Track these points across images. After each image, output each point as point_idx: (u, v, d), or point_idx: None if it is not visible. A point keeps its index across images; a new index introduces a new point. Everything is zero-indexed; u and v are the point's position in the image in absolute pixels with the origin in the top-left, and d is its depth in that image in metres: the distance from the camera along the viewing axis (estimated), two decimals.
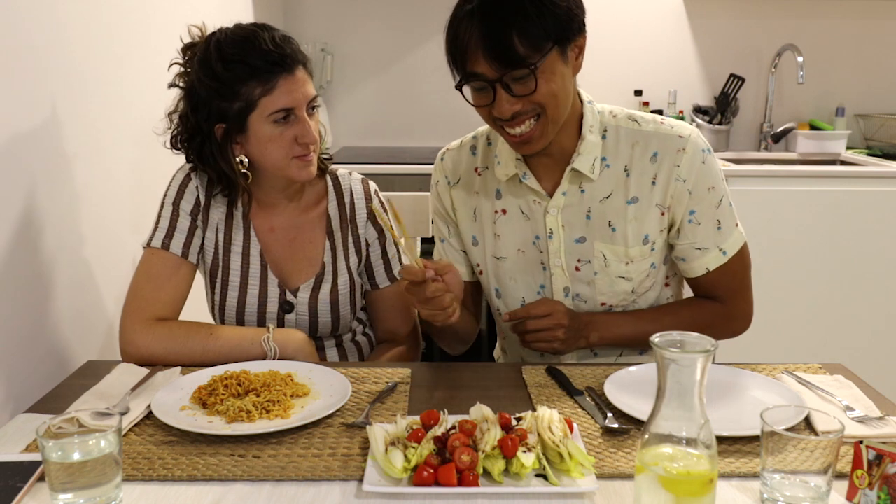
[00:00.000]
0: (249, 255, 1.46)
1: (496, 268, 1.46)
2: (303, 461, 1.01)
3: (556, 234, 1.39)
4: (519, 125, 1.26)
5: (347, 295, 1.49)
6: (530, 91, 1.22)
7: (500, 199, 1.43)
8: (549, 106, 1.25)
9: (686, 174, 1.34)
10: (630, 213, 1.36)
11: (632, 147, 1.36)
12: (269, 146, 1.35)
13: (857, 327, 2.84)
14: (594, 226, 1.38)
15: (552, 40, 1.21)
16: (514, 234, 1.43)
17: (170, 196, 1.44)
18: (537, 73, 1.21)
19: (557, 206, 1.38)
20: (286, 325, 1.46)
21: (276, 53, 1.32)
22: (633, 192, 1.36)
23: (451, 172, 1.49)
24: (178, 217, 1.42)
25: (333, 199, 1.51)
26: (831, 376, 1.28)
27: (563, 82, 1.25)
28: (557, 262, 1.41)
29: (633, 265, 1.39)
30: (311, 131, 1.35)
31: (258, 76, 1.31)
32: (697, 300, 1.46)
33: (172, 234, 1.41)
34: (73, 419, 0.92)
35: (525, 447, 0.95)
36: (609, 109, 1.40)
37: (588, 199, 1.37)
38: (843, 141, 3.27)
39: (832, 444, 0.88)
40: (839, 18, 3.31)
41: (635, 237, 1.37)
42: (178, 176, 1.45)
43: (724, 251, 1.39)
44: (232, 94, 1.32)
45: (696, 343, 0.83)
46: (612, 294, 1.41)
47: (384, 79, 3.38)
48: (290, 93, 1.33)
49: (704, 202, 1.36)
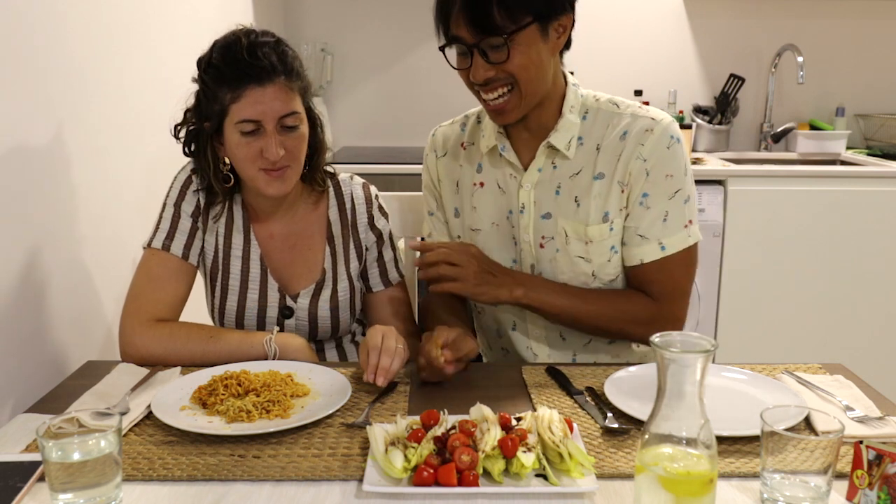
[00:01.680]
0: (250, 260, 1.45)
1: (473, 239, 1.48)
2: (303, 461, 1.01)
3: (527, 208, 1.41)
4: (492, 91, 1.30)
5: (347, 301, 1.49)
6: (503, 60, 1.26)
7: (480, 173, 1.46)
8: (520, 78, 1.28)
9: (648, 154, 1.34)
10: (595, 189, 1.37)
11: (606, 127, 1.38)
12: (237, 154, 1.35)
13: (857, 327, 2.84)
14: (561, 202, 1.39)
15: (532, 15, 1.24)
16: (489, 208, 1.45)
17: (171, 197, 1.43)
18: (511, 43, 1.24)
19: (531, 181, 1.40)
20: (286, 329, 1.46)
21: (247, 63, 1.29)
22: (601, 167, 1.37)
23: (440, 146, 1.53)
24: (180, 218, 1.42)
25: (334, 205, 1.51)
26: (831, 376, 1.28)
27: (538, 57, 1.28)
28: (526, 238, 1.42)
29: (593, 245, 1.38)
30: (273, 148, 1.31)
31: (228, 83, 1.30)
32: (632, 292, 1.43)
33: (173, 235, 1.41)
34: (73, 419, 0.92)
35: (525, 447, 0.95)
36: (594, 94, 1.42)
37: (559, 176, 1.39)
38: (843, 141, 3.27)
39: (832, 444, 0.88)
40: (839, 18, 3.31)
41: (596, 213, 1.37)
42: (180, 177, 1.45)
43: (663, 246, 1.37)
44: (213, 96, 1.33)
45: (696, 343, 0.83)
46: (573, 276, 1.41)
47: (384, 79, 3.38)
48: (257, 105, 1.30)
49: (658, 188, 1.35)
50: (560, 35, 1.30)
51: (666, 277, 1.39)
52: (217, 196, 1.42)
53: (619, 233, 1.39)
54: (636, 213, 1.37)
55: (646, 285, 1.40)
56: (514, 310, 1.48)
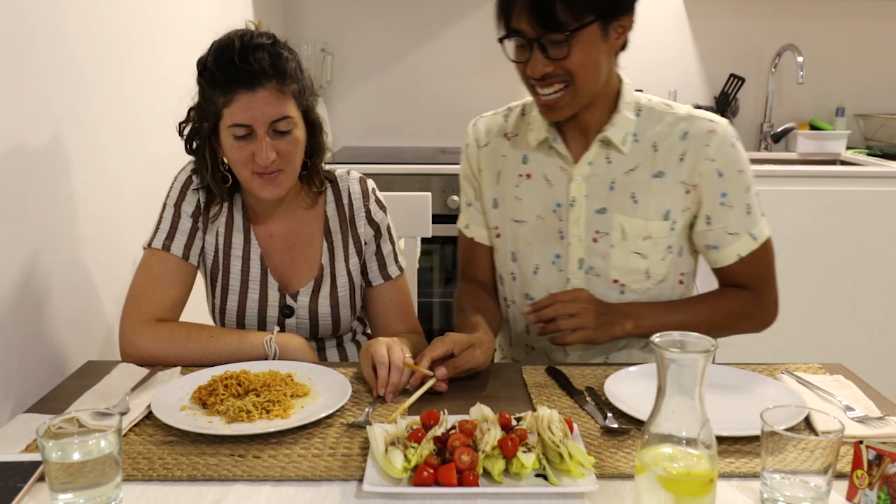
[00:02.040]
0: (250, 259, 1.45)
1: (514, 231, 1.48)
2: (303, 461, 1.01)
3: (578, 202, 1.41)
4: (547, 87, 1.32)
5: (347, 297, 1.49)
6: (563, 56, 1.27)
7: (526, 164, 1.46)
8: (577, 76, 1.29)
9: (715, 154, 1.36)
10: (654, 187, 1.38)
11: (662, 125, 1.39)
12: (231, 158, 1.35)
13: (857, 327, 2.83)
14: (616, 197, 1.40)
15: (595, 14, 1.26)
16: (534, 200, 1.45)
17: (171, 197, 1.43)
18: (572, 40, 1.26)
19: (582, 174, 1.41)
20: (287, 328, 1.46)
21: (237, 67, 1.28)
22: (660, 166, 1.38)
23: (481, 136, 1.53)
24: (180, 219, 1.42)
25: (332, 201, 1.50)
26: (831, 376, 1.28)
27: (597, 56, 1.29)
28: (576, 232, 1.42)
29: (651, 241, 1.40)
30: (264, 153, 1.30)
31: (220, 87, 1.30)
32: (728, 289, 1.46)
33: (174, 235, 1.41)
34: (73, 419, 0.92)
35: (525, 447, 0.95)
36: (644, 94, 1.44)
37: (613, 171, 1.40)
38: (843, 141, 3.27)
39: (832, 444, 0.88)
40: (839, 18, 3.31)
41: (657, 211, 1.39)
42: (181, 177, 1.45)
43: (754, 237, 1.40)
44: (209, 98, 1.33)
45: (696, 343, 0.83)
46: (626, 271, 1.42)
47: (384, 79, 3.38)
48: (247, 110, 1.29)
49: (735, 184, 1.38)
50: (619, 35, 1.32)
51: (760, 266, 1.43)
52: (216, 196, 1.42)
53: (680, 233, 1.42)
54: (719, 214, 1.39)
55: (742, 278, 1.43)
56: None
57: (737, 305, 1.44)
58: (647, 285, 1.43)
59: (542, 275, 1.47)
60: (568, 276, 1.44)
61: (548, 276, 1.46)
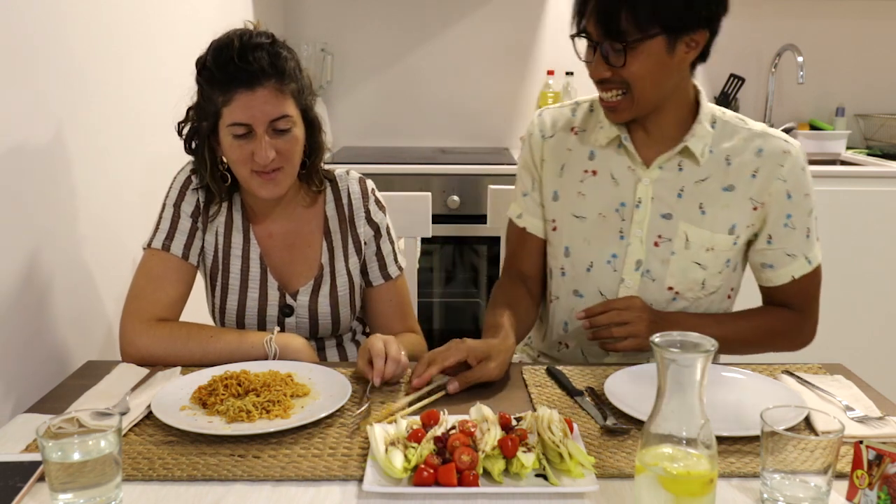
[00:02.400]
0: (249, 259, 1.46)
1: (572, 226, 1.47)
2: (303, 461, 1.01)
3: (644, 203, 1.41)
4: (607, 91, 1.34)
5: (347, 296, 1.49)
6: (619, 65, 1.28)
7: (593, 161, 1.46)
8: (634, 86, 1.30)
9: (787, 175, 1.37)
10: (723, 200, 1.39)
11: (736, 140, 1.40)
12: (230, 157, 1.36)
13: (857, 327, 2.83)
14: (684, 205, 1.40)
15: (661, 27, 1.25)
16: (598, 198, 1.44)
17: (171, 198, 1.44)
18: (629, 51, 1.26)
19: (651, 177, 1.40)
20: (286, 328, 1.46)
21: (236, 66, 1.29)
22: (731, 180, 1.39)
23: (547, 127, 1.52)
24: (179, 219, 1.42)
25: (331, 200, 1.51)
26: (831, 376, 1.28)
27: (658, 69, 1.29)
28: (638, 233, 1.42)
29: (713, 253, 1.40)
30: (264, 152, 1.31)
31: (219, 86, 1.31)
32: (773, 308, 1.48)
33: (173, 235, 1.41)
34: (73, 419, 0.92)
35: (525, 447, 0.95)
36: (718, 107, 1.44)
37: (684, 178, 1.40)
38: (843, 141, 3.27)
39: (832, 444, 0.88)
40: (839, 18, 3.31)
41: (723, 224, 1.39)
42: (180, 178, 1.45)
43: (809, 260, 1.42)
44: (208, 97, 1.34)
45: (697, 343, 0.83)
46: (683, 279, 1.42)
47: (384, 79, 3.38)
48: (246, 109, 1.30)
49: (801, 207, 1.39)
50: (690, 50, 1.31)
51: (810, 289, 1.45)
52: (215, 195, 1.42)
53: (740, 249, 1.42)
54: (781, 234, 1.40)
55: (790, 299, 1.45)
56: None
57: (781, 325, 1.45)
58: (699, 295, 1.44)
59: (596, 273, 1.46)
60: (623, 276, 1.43)
61: (601, 274, 1.45)
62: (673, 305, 1.43)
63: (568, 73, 3.26)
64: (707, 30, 1.30)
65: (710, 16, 1.30)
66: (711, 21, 1.30)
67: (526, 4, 3.29)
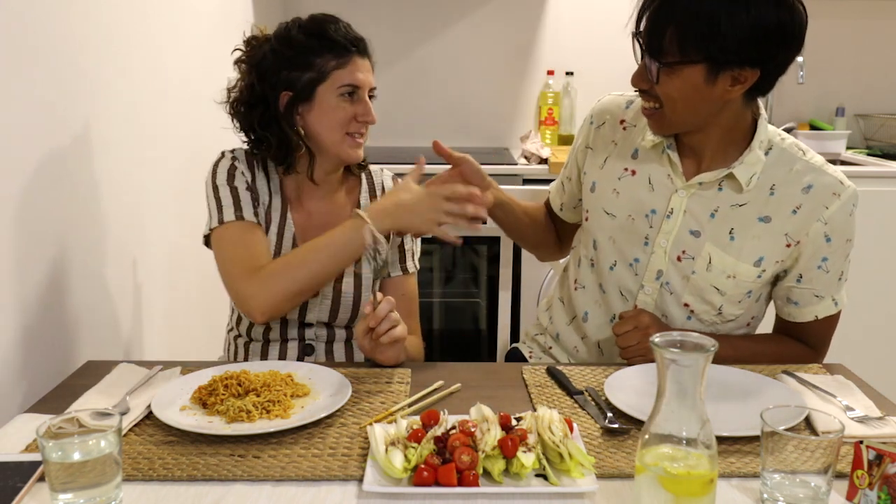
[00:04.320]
0: (283, 238, 1.49)
1: (601, 221, 1.46)
2: (303, 461, 1.01)
3: (675, 215, 1.38)
4: (644, 100, 1.33)
5: (370, 279, 1.51)
6: (652, 80, 1.27)
7: (635, 160, 1.44)
8: (665, 104, 1.28)
9: (830, 218, 1.32)
10: (755, 230, 1.34)
11: (788, 171, 1.34)
12: (331, 117, 1.43)
13: (857, 327, 2.83)
14: (714, 226, 1.36)
15: (704, 56, 1.21)
16: (632, 199, 1.42)
17: (221, 180, 1.46)
18: (663, 71, 1.24)
19: (688, 190, 1.37)
20: (308, 307, 1.48)
21: (353, 36, 1.46)
22: (770, 211, 1.34)
23: (598, 114, 1.52)
24: (239, 192, 1.44)
25: (365, 192, 1.58)
26: (831, 376, 1.28)
27: (692, 94, 1.25)
28: (663, 244, 1.39)
29: (734, 281, 1.36)
30: (371, 111, 1.45)
31: (335, 50, 1.43)
32: (785, 339, 1.45)
33: (240, 206, 1.43)
34: (73, 419, 0.92)
35: (525, 447, 0.95)
36: (778, 132, 1.40)
37: (721, 199, 1.36)
38: (843, 141, 3.27)
39: (832, 444, 0.88)
40: (839, 18, 3.31)
41: (750, 254, 1.35)
42: (224, 163, 1.47)
43: (836, 302, 1.39)
44: (305, 65, 1.42)
45: (697, 343, 0.83)
46: (700, 300, 1.39)
47: (384, 79, 3.35)
48: (360, 72, 1.44)
49: (838, 252, 1.35)
50: (735, 85, 1.24)
51: (828, 329, 1.43)
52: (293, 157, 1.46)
53: (767, 283, 1.39)
54: (813, 276, 1.36)
55: (806, 335, 1.43)
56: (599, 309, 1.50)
57: (791, 357, 1.41)
58: (715, 320, 1.42)
59: (618, 273, 1.45)
60: (643, 282, 1.42)
61: (623, 275, 1.44)
62: (688, 324, 1.42)
63: (568, 73, 3.25)
64: (759, 69, 1.23)
65: (765, 57, 1.22)
66: (766, 62, 1.23)
67: (526, 4, 3.29)
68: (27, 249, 1.32)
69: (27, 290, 1.32)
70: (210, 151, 1.54)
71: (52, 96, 1.41)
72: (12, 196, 1.28)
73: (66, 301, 1.44)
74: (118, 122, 1.67)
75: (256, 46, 1.49)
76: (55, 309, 1.41)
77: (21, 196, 1.31)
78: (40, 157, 1.37)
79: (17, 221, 1.29)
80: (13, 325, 1.28)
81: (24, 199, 1.32)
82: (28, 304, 1.32)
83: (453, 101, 3.37)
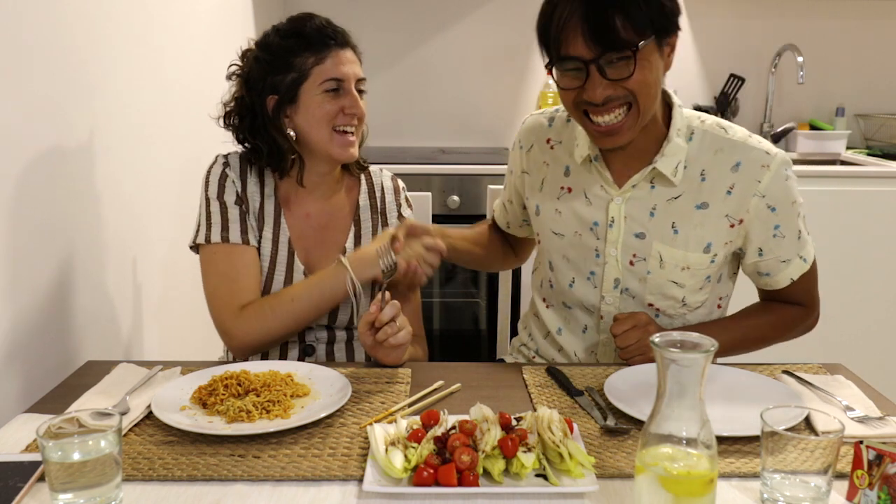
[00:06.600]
0: (278, 242, 1.49)
1: (551, 243, 1.47)
2: (303, 461, 1.01)
3: (617, 223, 1.38)
4: (608, 113, 1.25)
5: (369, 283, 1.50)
6: (625, 76, 1.21)
7: (568, 177, 1.44)
8: (640, 95, 1.24)
9: (765, 190, 1.33)
10: (696, 219, 1.35)
11: (714, 153, 1.35)
12: (316, 115, 1.42)
13: (857, 327, 2.83)
14: (656, 224, 1.37)
15: (653, 29, 1.22)
16: (573, 215, 1.43)
17: (212, 192, 1.46)
18: (637, 56, 1.20)
19: (624, 196, 1.37)
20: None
21: (329, 29, 1.44)
22: (705, 197, 1.34)
23: (525, 137, 1.52)
24: (227, 209, 1.45)
25: (365, 192, 1.58)
26: (831, 376, 1.28)
27: (656, 74, 1.25)
28: (613, 253, 1.40)
29: (689, 272, 1.37)
30: (358, 103, 1.43)
31: (312, 47, 1.42)
32: (773, 305, 1.46)
33: (228, 226, 1.44)
34: (73, 419, 0.92)
35: (525, 447, 0.95)
36: (697, 114, 1.39)
37: (656, 197, 1.36)
38: (843, 141, 3.27)
39: (832, 444, 0.88)
40: (839, 18, 3.31)
41: (697, 243, 1.36)
42: (215, 171, 1.48)
43: (804, 259, 1.40)
44: (286, 66, 1.42)
45: (697, 343, 0.83)
46: (662, 297, 1.40)
47: (384, 79, 3.38)
48: (342, 64, 1.43)
49: (788, 216, 1.36)
50: (669, 53, 1.28)
51: (810, 284, 1.44)
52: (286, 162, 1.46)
53: (722, 264, 1.40)
54: (772, 245, 1.37)
55: (792, 297, 1.44)
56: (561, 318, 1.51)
57: (785, 320, 1.44)
58: (681, 311, 1.42)
59: (578, 289, 1.46)
60: (603, 293, 1.43)
61: (583, 291, 1.45)
62: (657, 321, 1.42)
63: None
64: (677, 33, 1.28)
65: (676, 20, 1.27)
66: (678, 24, 1.28)
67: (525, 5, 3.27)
68: (27, 250, 1.32)
69: (27, 290, 1.32)
70: (210, 152, 1.54)
71: (53, 97, 1.41)
72: (12, 196, 1.28)
73: (66, 301, 1.44)
74: (118, 122, 1.67)
75: (247, 59, 1.50)
76: (55, 309, 1.41)
77: (21, 196, 1.30)
78: (40, 157, 1.37)
79: (17, 221, 1.29)
80: (13, 325, 1.28)
81: (25, 200, 1.32)
82: (28, 305, 1.32)
83: (453, 101, 3.37)
